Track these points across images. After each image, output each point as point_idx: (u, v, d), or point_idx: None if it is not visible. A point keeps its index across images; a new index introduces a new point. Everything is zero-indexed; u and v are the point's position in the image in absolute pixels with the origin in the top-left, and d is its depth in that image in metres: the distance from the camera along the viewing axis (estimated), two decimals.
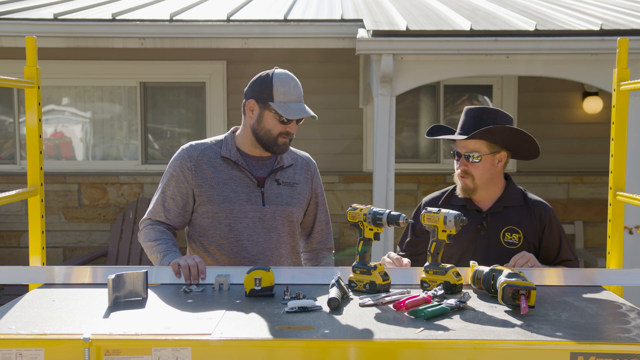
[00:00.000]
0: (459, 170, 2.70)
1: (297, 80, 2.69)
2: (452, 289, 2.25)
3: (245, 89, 2.70)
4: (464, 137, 2.64)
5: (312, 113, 2.63)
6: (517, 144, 2.69)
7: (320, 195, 2.88)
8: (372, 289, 2.27)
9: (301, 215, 2.82)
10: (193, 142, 2.78)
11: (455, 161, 2.74)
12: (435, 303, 2.05)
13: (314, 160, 2.91)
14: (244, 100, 2.70)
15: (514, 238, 2.66)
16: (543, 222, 2.70)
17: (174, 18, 5.80)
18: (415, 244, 2.83)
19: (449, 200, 2.78)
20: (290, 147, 2.83)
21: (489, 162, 2.67)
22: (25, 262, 2.89)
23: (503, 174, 2.77)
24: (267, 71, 2.67)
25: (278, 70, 2.67)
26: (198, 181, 2.68)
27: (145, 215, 2.78)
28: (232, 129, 2.80)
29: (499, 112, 2.72)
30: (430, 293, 2.12)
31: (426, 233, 2.74)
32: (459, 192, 2.75)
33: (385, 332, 1.83)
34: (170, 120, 7.25)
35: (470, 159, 2.65)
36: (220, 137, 2.79)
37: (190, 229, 2.78)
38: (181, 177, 2.70)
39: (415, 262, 2.76)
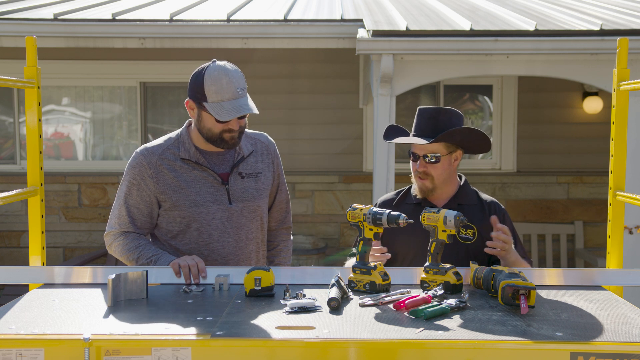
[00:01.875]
0: (417, 172, 2.70)
1: (235, 72, 2.49)
2: (452, 289, 2.25)
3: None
4: (427, 141, 2.64)
5: (248, 110, 2.45)
6: (472, 143, 2.73)
7: (281, 176, 2.82)
8: (372, 289, 2.27)
9: (267, 205, 2.76)
10: (148, 145, 2.64)
11: (411, 162, 2.75)
12: (435, 303, 2.05)
13: (272, 140, 2.81)
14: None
15: (468, 233, 2.68)
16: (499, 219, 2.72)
17: (174, 18, 5.80)
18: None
19: (405, 200, 2.81)
20: (247, 130, 2.68)
21: (447, 162, 2.70)
22: (25, 262, 2.89)
23: (457, 173, 2.81)
24: (203, 66, 2.50)
25: (212, 66, 2.48)
26: (161, 187, 2.58)
27: (110, 228, 2.64)
28: (186, 123, 2.67)
29: (452, 111, 2.74)
30: (430, 293, 2.12)
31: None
32: (416, 193, 2.77)
33: (385, 332, 1.83)
34: (170, 120, 7.24)
35: (429, 160, 2.67)
36: (174, 134, 2.66)
37: (156, 232, 2.69)
38: (142, 186, 2.58)
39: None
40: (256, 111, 2.49)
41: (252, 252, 2.71)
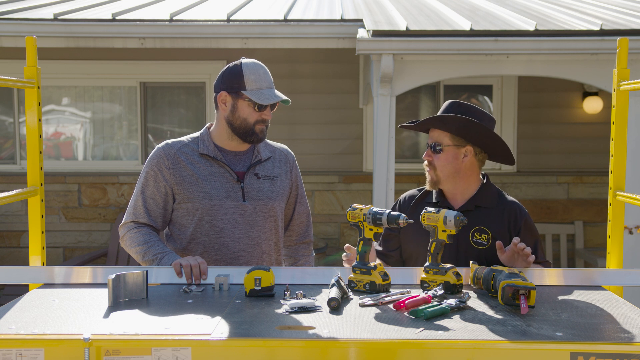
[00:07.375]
0: (425, 162, 2.68)
1: (266, 67, 2.66)
2: (452, 289, 2.25)
3: (215, 82, 2.68)
4: (412, 123, 2.65)
5: (284, 97, 2.61)
6: (483, 141, 2.62)
7: (300, 187, 2.86)
8: (372, 289, 2.27)
9: (283, 209, 2.78)
10: (169, 141, 2.74)
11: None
12: (435, 303, 2.05)
13: (292, 152, 2.88)
14: (214, 94, 2.67)
15: (482, 238, 2.59)
16: (517, 225, 2.63)
17: (174, 18, 5.80)
18: (388, 239, 2.79)
19: (425, 198, 2.75)
20: (267, 140, 2.80)
21: (450, 154, 2.61)
22: (25, 262, 2.89)
23: (478, 172, 2.70)
24: (235, 62, 2.65)
25: (246, 60, 2.65)
26: (177, 179, 2.65)
27: (125, 219, 2.70)
28: (206, 125, 2.78)
29: (472, 107, 2.65)
30: (430, 293, 2.12)
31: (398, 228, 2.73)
32: (426, 185, 2.72)
33: (385, 332, 1.83)
34: (170, 120, 7.25)
35: (432, 149, 2.63)
36: (196, 134, 2.76)
37: (171, 229, 2.74)
38: (159, 176, 2.66)
39: (389, 257, 2.76)
40: (289, 100, 2.63)
41: (264, 253, 2.71)
